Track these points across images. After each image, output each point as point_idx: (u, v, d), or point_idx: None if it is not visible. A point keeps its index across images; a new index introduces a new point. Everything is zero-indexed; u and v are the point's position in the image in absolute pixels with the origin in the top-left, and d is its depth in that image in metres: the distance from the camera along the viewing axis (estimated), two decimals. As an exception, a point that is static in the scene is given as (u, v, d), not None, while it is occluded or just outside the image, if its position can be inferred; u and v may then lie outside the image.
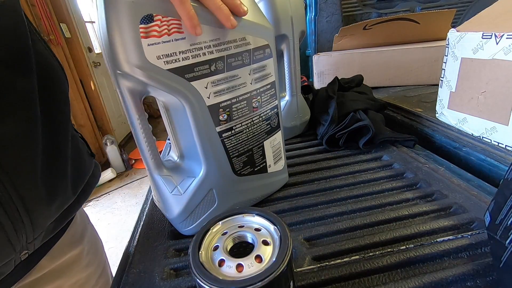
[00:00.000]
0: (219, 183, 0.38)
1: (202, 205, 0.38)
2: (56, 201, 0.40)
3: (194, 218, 0.38)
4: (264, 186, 0.44)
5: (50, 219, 0.40)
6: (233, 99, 0.36)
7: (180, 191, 0.37)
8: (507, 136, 0.49)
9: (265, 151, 0.43)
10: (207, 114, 0.34)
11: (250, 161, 0.41)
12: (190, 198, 0.37)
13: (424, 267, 0.31)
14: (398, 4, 1.13)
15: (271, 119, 0.42)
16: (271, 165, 0.44)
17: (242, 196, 0.42)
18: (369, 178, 0.48)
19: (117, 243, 1.82)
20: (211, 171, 0.37)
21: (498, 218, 0.27)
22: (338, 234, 0.37)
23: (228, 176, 0.39)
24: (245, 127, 0.39)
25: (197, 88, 0.32)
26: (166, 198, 0.37)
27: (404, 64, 0.91)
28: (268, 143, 0.43)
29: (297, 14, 0.58)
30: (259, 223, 0.26)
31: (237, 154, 0.39)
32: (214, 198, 0.39)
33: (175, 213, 0.38)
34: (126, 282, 0.34)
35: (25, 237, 0.37)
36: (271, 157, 0.44)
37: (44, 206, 0.38)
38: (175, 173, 0.38)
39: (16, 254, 0.37)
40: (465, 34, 0.53)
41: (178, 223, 0.39)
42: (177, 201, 0.37)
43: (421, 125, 0.64)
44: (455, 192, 0.41)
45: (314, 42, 1.13)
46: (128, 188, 2.51)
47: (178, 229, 0.40)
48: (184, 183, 0.37)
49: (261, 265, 0.22)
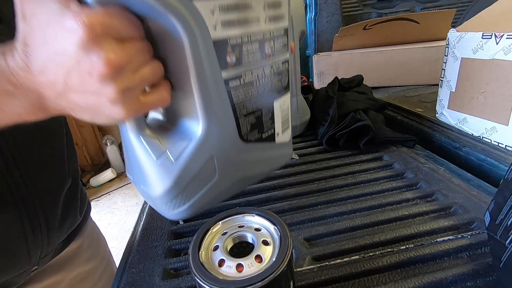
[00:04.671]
0: (222, 149, 0.30)
1: (198, 178, 0.29)
2: (68, 220, 0.45)
3: (186, 196, 0.29)
4: (270, 159, 0.37)
5: (61, 238, 0.44)
6: (244, 36, 0.28)
7: (170, 159, 0.27)
8: (507, 136, 0.49)
9: (275, 115, 0.35)
10: (212, 52, 0.26)
11: (258, 124, 0.33)
12: (184, 168, 0.28)
13: (424, 267, 0.31)
14: (398, 4, 1.13)
15: (282, 75, 0.35)
16: (279, 134, 0.37)
17: (246, 169, 0.34)
18: (369, 178, 0.48)
19: (117, 243, 1.82)
20: (213, 132, 0.28)
21: (498, 218, 0.27)
22: (338, 234, 0.37)
23: (233, 141, 0.31)
24: (255, 77, 0.31)
25: (201, 12, 0.25)
26: (151, 168, 0.28)
27: (404, 64, 0.91)
28: (278, 105, 0.35)
29: (297, 14, 0.58)
30: (259, 223, 0.26)
31: (245, 112, 0.31)
32: (214, 169, 0.30)
33: (162, 188, 0.28)
34: (126, 282, 0.34)
35: (40, 251, 0.40)
36: (280, 124, 0.37)
37: (59, 224, 0.42)
38: (163, 135, 0.29)
39: (30, 266, 0.39)
40: (465, 34, 0.53)
41: (164, 203, 0.29)
42: (165, 172, 0.28)
43: (421, 125, 0.64)
44: (455, 192, 0.41)
45: (314, 42, 1.13)
46: (128, 188, 2.51)
47: (162, 213, 0.31)
48: (176, 147, 0.28)
49: (261, 265, 0.22)
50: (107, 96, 0.21)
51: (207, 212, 0.45)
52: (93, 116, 0.23)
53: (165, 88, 0.25)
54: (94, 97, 0.21)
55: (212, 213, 0.45)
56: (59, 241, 0.43)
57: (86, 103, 0.21)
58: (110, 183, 2.62)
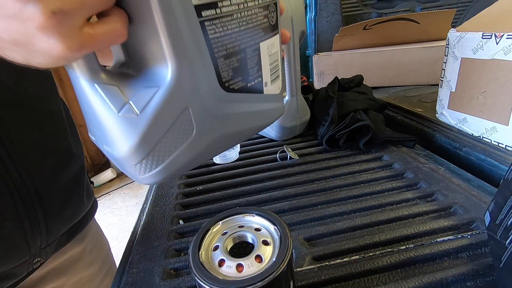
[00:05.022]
0: (198, 99, 0.24)
1: (172, 134, 0.24)
2: (69, 207, 0.43)
3: (159, 156, 0.24)
4: (258, 113, 0.31)
5: (62, 227, 0.42)
6: None
7: (134, 110, 0.22)
8: (507, 136, 0.49)
9: (262, 59, 0.30)
10: None
11: (242, 70, 0.28)
12: (152, 121, 0.22)
13: (424, 267, 0.31)
14: (398, 4, 1.13)
15: (270, 11, 0.29)
16: (268, 84, 0.32)
17: (230, 124, 0.28)
18: (369, 178, 0.48)
19: (117, 243, 1.82)
20: (185, 77, 0.23)
21: (498, 218, 0.27)
22: (338, 234, 0.37)
23: (212, 88, 0.25)
24: (236, 8, 0.25)
25: None
26: (111, 123, 0.23)
27: (404, 64, 0.91)
28: (265, 48, 0.30)
29: (297, 14, 0.58)
30: (259, 223, 0.26)
31: (224, 52, 0.25)
32: (190, 123, 0.24)
33: (128, 147, 0.23)
34: (126, 282, 0.34)
35: (40, 240, 0.38)
36: (268, 71, 0.31)
37: (58, 210, 0.40)
38: (125, 82, 0.23)
39: (30, 258, 0.38)
40: (465, 34, 0.53)
41: (132, 165, 0.24)
42: (130, 127, 0.22)
43: (421, 125, 0.64)
44: (455, 192, 0.41)
45: (314, 42, 1.13)
46: (128, 188, 2.51)
47: (132, 176, 0.26)
48: (141, 96, 0.22)
49: (261, 265, 0.22)
50: (34, 20, 0.16)
51: (207, 212, 0.45)
52: (26, 54, 0.18)
53: (119, 18, 0.19)
54: (17, 23, 0.16)
55: (212, 213, 0.45)
56: (61, 231, 0.42)
57: (9, 33, 0.17)
58: (110, 183, 2.62)
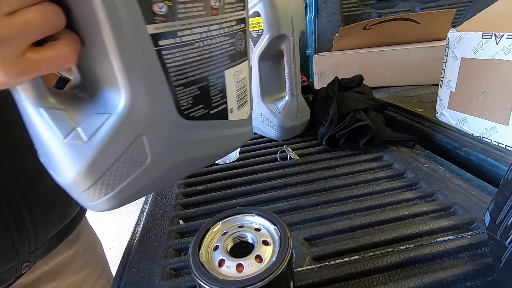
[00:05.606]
0: (153, 127, 0.23)
1: (123, 162, 0.23)
2: (55, 209, 0.41)
3: (108, 184, 0.23)
4: (223, 138, 0.30)
5: (52, 229, 0.41)
6: None
7: (81, 137, 0.21)
8: (507, 136, 0.49)
9: (227, 86, 0.29)
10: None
11: (204, 98, 0.27)
12: (100, 149, 0.21)
13: (424, 267, 0.31)
14: (398, 4, 1.13)
15: (237, 38, 0.29)
16: (234, 110, 0.31)
17: (190, 151, 0.27)
18: (369, 178, 0.48)
19: (117, 243, 1.82)
20: (139, 104, 0.22)
21: (498, 218, 0.27)
22: (338, 234, 0.37)
23: (170, 117, 0.24)
24: (198, 37, 0.24)
25: None
26: (56, 149, 0.21)
27: (404, 64, 0.91)
28: (231, 75, 0.29)
29: (297, 14, 0.58)
30: (259, 223, 0.26)
31: (184, 81, 0.24)
32: (144, 151, 0.23)
33: (72, 175, 0.22)
34: (126, 282, 0.34)
35: (28, 244, 0.37)
36: (234, 98, 0.30)
37: (46, 213, 0.39)
38: (76, 107, 0.22)
39: (19, 263, 0.37)
40: (465, 34, 0.53)
41: (78, 192, 0.23)
42: (76, 155, 0.21)
43: (421, 125, 0.64)
44: (455, 192, 0.41)
45: (314, 42, 1.13)
46: (128, 188, 2.51)
47: (81, 203, 0.24)
48: (91, 123, 0.21)
49: (261, 265, 0.22)
50: None
51: (207, 212, 0.45)
52: None
53: (68, 42, 0.18)
54: None
55: (212, 213, 0.45)
56: (50, 234, 0.41)
57: None
58: (110, 183, 2.62)
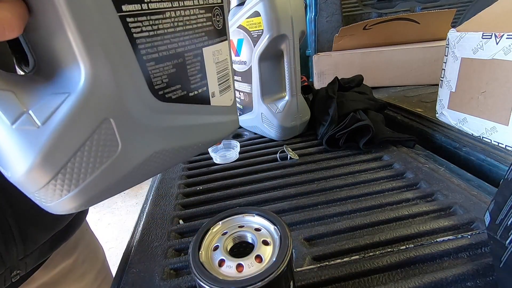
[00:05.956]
0: (122, 108, 0.20)
1: (87, 151, 0.19)
2: (48, 214, 0.39)
3: (71, 179, 0.19)
4: (205, 127, 0.27)
5: (43, 235, 0.38)
6: None
7: (35, 122, 0.17)
8: (507, 136, 0.49)
9: (206, 66, 0.26)
10: None
11: (181, 77, 0.24)
12: (58, 135, 0.17)
13: (424, 267, 0.31)
14: (398, 4, 1.13)
15: (214, 14, 0.26)
16: (215, 94, 0.28)
17: (169, 140, 0.24)
18: (369, 178, 0.48)
19: (117, 243, 1.82)
20: (103, 80, 0.18)
21: (498, 218, 0.27)
22: (338, 234, 0.37)
23: (142, 96, 0.21)
24: (168, 5, 0.21)
25: None
26: (2, 137, 0.17)
27: (404, 64, 0.91)
28: (209, 54, 0.26)
29: (297, 14, 0.58)
30: (259, 223, 0.26)
31: (155, 55, 0.21)
32: (113, 137, 0.20)
33: (24, 168, 0.17)
34: (126, 282, 0.34)
35: (16, 251, 0.34)
36: (215, 80, 0.27)
37: (34, 217, 0.36)
38: (26, 87, 0.18)
39: (7, 270, 0.34)
40: (465, 34, 0.53)
41: (34, 189, 0.19)
42: (27, 143, 0.17)
43: (421, 125, 0.64)
44: (455, 192, 0.41)
45: (314, 42, 1.13)
46: (128, 188, 2.51)
47: (38, 202, 0.20)
48: (45, 105, 0.18)
49: (261, 265, 0.22)
50: None
51: (207, 212, 0.45)
52: None
53: (10, 6, 0.15)
54: None
55: (212, 213, 0.45)
56: (42, 240, 0.38)
57: None
58: (110, 183, 2.62)
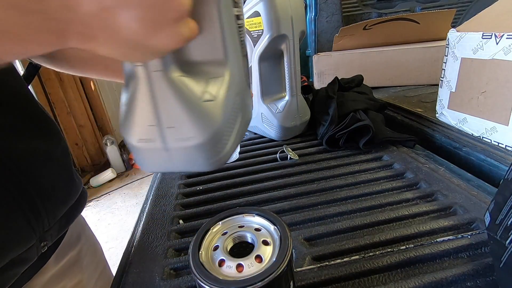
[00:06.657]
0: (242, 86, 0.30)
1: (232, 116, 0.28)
2: (60, 189, 0.43)
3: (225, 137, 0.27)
4: None
5: (60, 208, 0.42)
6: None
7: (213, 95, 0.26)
8: (507, 136, 0.49)
9: None
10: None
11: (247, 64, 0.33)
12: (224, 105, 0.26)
13: (424, 267, 0.31)
14: (398, 4, 1.13)
15: None
16: None
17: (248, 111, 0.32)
18: (369, 178, 0.48)
19: (117, 243, 1.82)
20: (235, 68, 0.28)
21: (498, 218, 0.27)
22: (338, 234, 0.37)
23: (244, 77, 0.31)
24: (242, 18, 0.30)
25: None
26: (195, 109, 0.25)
27: (404, 64, 0.91)
28: None
29: (297, 14, 0.58)
30: (259, 223, 0.26)
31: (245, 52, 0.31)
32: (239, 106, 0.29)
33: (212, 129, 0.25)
34: (126, 282, 0.34)
35: (42, 223, 0.38)
36: None
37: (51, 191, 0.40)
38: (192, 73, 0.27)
39: (37, 241, 0.38)
40: (465, 34, 0.53)
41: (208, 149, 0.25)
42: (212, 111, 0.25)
43: (421, 125, 0.64)
44: (455, 192, 0.41)
45: (314, 42, 1.13)
46: (128, 188, 2.52)
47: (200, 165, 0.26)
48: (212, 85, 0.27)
49: (261, 265, 0.22)
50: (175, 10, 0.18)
51: (207, 212, 0.45)
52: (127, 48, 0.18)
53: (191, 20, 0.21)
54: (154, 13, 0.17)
55: (212, 213, 0.45)
56: (60, 213, 0.42)
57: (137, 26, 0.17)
58: (110, 183, 2.62)
